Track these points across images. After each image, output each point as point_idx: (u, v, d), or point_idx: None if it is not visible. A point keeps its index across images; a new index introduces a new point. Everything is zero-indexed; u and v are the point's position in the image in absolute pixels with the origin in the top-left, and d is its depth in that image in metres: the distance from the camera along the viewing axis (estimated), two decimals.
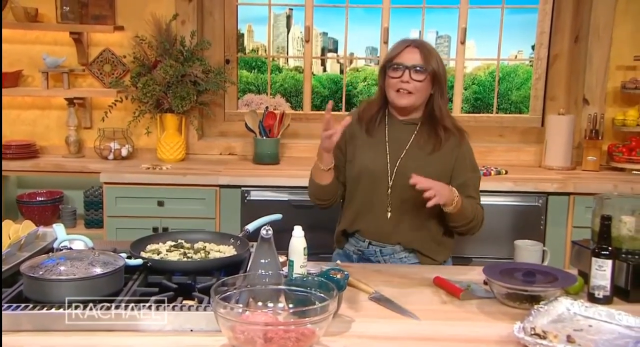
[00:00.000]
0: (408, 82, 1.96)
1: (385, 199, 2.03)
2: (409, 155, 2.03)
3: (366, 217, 2.06)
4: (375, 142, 2.06)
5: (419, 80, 1.96)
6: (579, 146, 3.34)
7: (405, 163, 2.02)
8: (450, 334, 1.47)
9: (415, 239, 2.04)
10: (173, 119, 3.33)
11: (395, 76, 1.97)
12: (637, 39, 3.31)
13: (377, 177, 2.03)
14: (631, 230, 1.71)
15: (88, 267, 1.47)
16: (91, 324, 1.38)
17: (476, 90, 7.18)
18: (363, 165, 2.05)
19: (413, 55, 1.97)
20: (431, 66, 1.96)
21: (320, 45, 6.50)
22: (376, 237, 2.06)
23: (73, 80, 3.44)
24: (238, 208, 2.98)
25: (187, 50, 3.32)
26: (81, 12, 3.33)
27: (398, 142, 2.05)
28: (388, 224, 2.03)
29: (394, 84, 1.98)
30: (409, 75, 1.95)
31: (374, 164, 2.04)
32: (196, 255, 1.74)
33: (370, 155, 2.05)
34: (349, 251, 2.13)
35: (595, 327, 1.49)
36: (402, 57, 1.97)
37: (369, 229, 2.06)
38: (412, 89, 1.96)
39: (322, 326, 1.32)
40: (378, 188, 2.03)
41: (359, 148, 2.07)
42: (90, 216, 3.25)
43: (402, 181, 1.96)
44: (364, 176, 2.04)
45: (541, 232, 2.94)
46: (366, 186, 2.05)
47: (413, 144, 2.04)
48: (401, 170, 2.01)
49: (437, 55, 2.00)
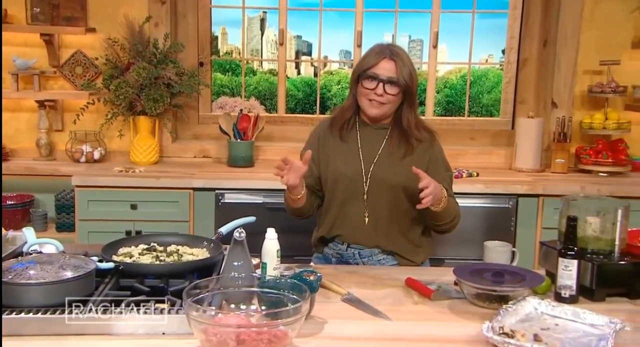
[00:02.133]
0: (382, 95, 1.96)
1: (361, 204, 2.04)
2: (382, 160, 2.05)
3: (344, 223, 2.07)
4: (348, 148, 2.08)
5: (393, 94, 1.97)
6: (548, 149, 3.41)
7: (379, 168, 2.04)
8: (420, 334, 1.50)
9: (393, 242, 2.06)
10: (146, 121, 3.31)
11: (369, 87, 1.98)
12: (602, 44, 3.39)
13: (352, 184, 2.05)
14: (596, 230, 1.76)
15: (58, 270, 1.46)
16: (61, 328, 1.37)
17: (448, 93, 7.27)
18: (338, 172, 2.06)
19: (389, 66, 1.97)
20: (404, 79, 1.97)
21: (295, 49, 6.52)
22: (355, 241, 2.08)
23: (44, 83, 3.40)
24: (212, 211, 2.97)
25: (161, 52, 3.30)
26: (52, 13, 3.29)
27: (370, 147, 2.06)
28: (366, 229, 2.05)
29: (367, 94, 1.99)
30: (382, 89, 1.96)
31: (349, 170, 2.05)
32: (169, 258, 1.74)
33: (344, 161, 2.06)
34: (328, 255, 2.15)
35: (561, 326, 1.52)
36: (377, 69, 1.97)
37: (347, 234, 2.08)
38: (385, 101, 1.98)
39: (294, 328, 1.33)
40: (354, 194, 2.05)
41: (332, 155, 2.09)
42: (62, 219, 3.21)
43: (377, 185, 1.98)
44: (340, 182, 2.06)
45: (512, 233, 2.99)
46: (342, 193, 2.06)
47: (385, 149, 2.06)
48: (375, 176, 2.03)
49: (410, 65, 2.00)
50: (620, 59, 3.33)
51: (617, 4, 3.37)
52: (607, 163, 3.26)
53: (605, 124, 3.31)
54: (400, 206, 2.02)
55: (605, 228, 1.76)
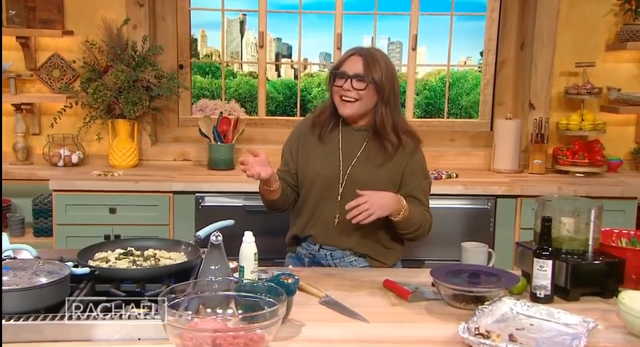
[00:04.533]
0: (349, 90, 1.97)
1: (334, 205, 2.05)
2: (360, 164, 2.05)
3: (317, 223, 2.08)
4: (328, 149, 2.08)
5: (360, 89, 1.97)
6: (526, 150, 3.45)
7: (356, 171, 2.05)
8: (397, 335, 1.51)
9: (365, 245, 2.07)
10: (125, 124, 3.29)
11: (338, 85, 2.00)
12: (578, 47, 3.44)
13: (328, 184, 2.06)
14: (570, 231, 1.78)
15: (32, 276, 1.45)
16: (35, 335, 1.36)
17: (427, 95, 7.32)
18: (316, 172, 2.07)
19: (356, 64, 1.98)
20: (373, 75, 1.96)
21: (275, 51, 6.52)
22: (327, 242, 2.09)
23: (20, 86, 3.36)
24: (192, 214, 2.96)
25: (139, 55, 3.28)
26: (28, 16, 3.26)
27: (350, 149, 2.07)
28: (336, 230, 2.06)
29: (338, 91, 2.01)
30: (350, 84, 1.97)
31: (327, 171, 2.06)
32: (146, 262, 1.72)
33: (323, 162, 2.07)
34: (301, 255, 2.15)
35: (536, 326, 1.54)
36: (345, 66, 2.00)
37: (319, 235, 2.09)
38: (355, 96, 1.98)
39: (271, 331, 1.33)
40: (329, 195, 2.06)
41: (312, 155, 2.09)
42: (39, 224, 3.18)
43: (351, 189, 1.98)
44: (317, 182, 2.07)
45: (490, 233, 3.02)
46: (317, 193, 2.07)
47: (364, 152, 2.06)
48: (352, 179, 2.04)
49: (383, 65, 1.99)
50: (595, 61, 3.39)
51: (591, 7, 3.43)
52: (584, 164, 3.30)
53: (582, 125, 3.35)
54: None
55: (579, 228, 1.78)
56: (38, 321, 1.37)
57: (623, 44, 3.34)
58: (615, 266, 1.75)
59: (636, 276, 1.77)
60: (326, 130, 2.09)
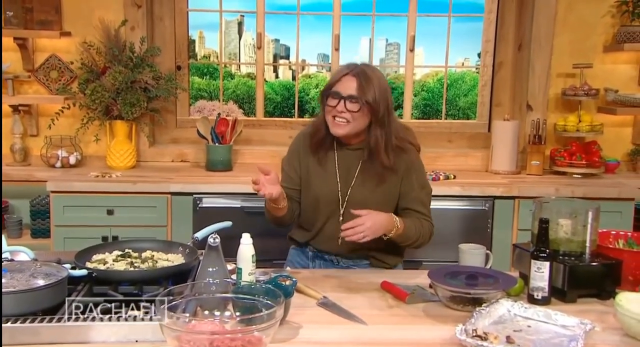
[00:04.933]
0: (343, 111, 1.94)
1: (337, 226, 2.01)
2: (358, 184, 2.05)
3: (321, 240, 2.11)
4: (326, 170, 2.07)
5: (354, 110, 1.93)
6: (523, 151, 3.45)
7: (355, 193, 2.05)
8: (395, 337, 1.51)
9: (368, 251, 2.09)
10: (123, 126, 3.28)
11: (331, 105, 1.96)
12: (575, 48, 3.44)
13: (330, 206, 2.07)
14: (567, 232, 1.79)
15: (29, 279, 1.45)
16: (33, 337, 1.36)
17: (425, 96, 7.33)
18: (317, 194, 2.07)
19: (350, 84, 1.94)
20: (367, 97, 1.92)
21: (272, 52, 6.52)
22: (331, 252, 2.12)
23: (18, 87, 3.36)
24: (190, 216, 2.95)
25: (137, 56, 3.28)
26: (25, 17, 3.25)
27: (347, 170, 2.06)
28: (339, 248, 2.08)
29: (330, 111, 1.97)
30: (343, 105, 1.93)
31: (328, 193, 2.06)
32: (143, 264, 1.72)
33: (323, 184, 2.07)
34: (306, 250, 2.18)
35: (533, 328, 1.55)
36: (339, 86, 1.95)
37: (322, 249, 2.13)
38: (349, 118, 1.95)
39: (268, 333, 1.33)
40: (331, 215, 2.08)
41: (312, 176, 2.09)
42: (37, 225, 3.17)
43: (352, 208, 1.96)
44: (320, 204, 2.07)
45: (488, 235, 3.02)
46: (320, 214, 2.09)
47: (361, 172, 2.05)
48: (352, 200, 2.04)
49: (377, 84, 1.94)
50: (593, 63, 3.39)
51: (589, 8, 3.43)
52: (581, 165, 3.31)
53: (579, 127, 3.36)
54: None
55: (577, 230, 1.78)
56: (35, 323, 1.37)
57: (620, 45, 3.35)
58: (613, 267, 1.75)
59: (633, 278, 1.77)
60: (323, 153, 2.07)
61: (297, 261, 2.20)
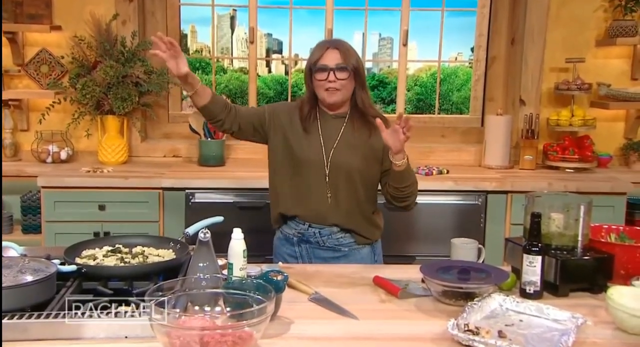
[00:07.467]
0: (335, 81, 2.11)
1: (324, 185, 2.17)
2: (341, 146, 2.19)
3: (305, 202, 2.18)
4: (310, 137, 2.21)
5: (343, 78, 2.11)
6: (516, 146, 3.45)
7: (338, 153, 2.18)
8: (387, 332, 1.50)
9: (350, 220, 2.18)
10: (114, 121, 3.26)
11: (321, 78, 2.12)
12: (568, 43, 3.44)
13: (315, 168, 2.18)
14: (560, 227, 1.78)
15: (17, 274, 1.43)
16: (20, 334, 1.34)
17: (418, 91, 7.32)
18: (302, 157, 2.19)
19: (334, 55, 2.12)
20: (351, 63, 2.12)
21: (265, 47, 6.49)
22: (315, 220, 2.18)
23: (8, 82, 3.33)
24: (182, 211, 2.94)
25: (128, 50, 3.26)
26: (15, 11, 3.23)
27: (330, 135, 2.20)
28: (327, 208, 2.17)
29: (322, 84, 2.13)
30: (334, 75, 2.11)
31: (311, 156, 2.18)
32: (134, 260, 1.71)
33: (307, 149, 2.19)
34: (289, 235, 2.23)
35: (525, 322, 1.54)
36: (325, 59, 2.13)
37: (308, 214, 2.19)
38: (339, 86, 2.12)
39: (259, 329, 1.32)
40: (317, 177, 2.18)
41: (296, 142, 2.20)
42: (28, 221, 3.15)
43: (336, 169, 2.16)
44: (304, 167, 2.19)
45: (481, 229, 3.02)
46: (305, 176, 2.19)
47: (343, 136, 2.19)
48: (335, 160, 2.17)
49: (354, 52, 2.17)
50: (585, 57, 3.39)
51: (581, 3, 3.43)
52: (574, 159, 3.31)
53: (572, 121, 3.36)
54: (357, 187, 2.17)
55: (569, 224, 1.78)
56: (23, 319, 1.35)
57: (613, 39, 3.35)
58: (604, 261, 1.75)
59: (625, 272, 1.77)
60: (308, 121, 2.22)
61: (283, 251, 2.24)
